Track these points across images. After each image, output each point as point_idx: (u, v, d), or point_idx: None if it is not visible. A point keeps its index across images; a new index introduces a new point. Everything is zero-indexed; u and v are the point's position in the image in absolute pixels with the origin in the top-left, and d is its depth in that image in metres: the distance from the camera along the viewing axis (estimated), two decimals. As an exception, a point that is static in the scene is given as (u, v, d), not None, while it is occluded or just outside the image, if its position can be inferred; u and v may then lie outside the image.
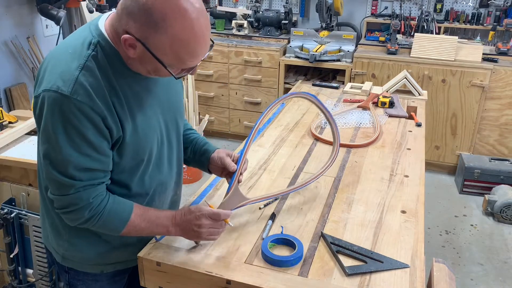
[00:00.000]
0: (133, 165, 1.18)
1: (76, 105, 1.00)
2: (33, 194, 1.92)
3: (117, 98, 1.07)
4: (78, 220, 1.11)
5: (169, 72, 1.04)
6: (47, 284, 1.97)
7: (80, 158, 1.04)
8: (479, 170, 3.42)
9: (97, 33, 1.06)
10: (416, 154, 1.87)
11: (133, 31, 0.98)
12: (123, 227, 1.14)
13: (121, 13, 1.00)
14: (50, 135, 1.03)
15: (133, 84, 1.11)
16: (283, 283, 1.13)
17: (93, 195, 1.08)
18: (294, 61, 3.84)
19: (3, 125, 2.16)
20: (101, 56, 1.05)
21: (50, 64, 1.07)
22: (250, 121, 4.16)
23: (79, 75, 1.01)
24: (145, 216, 1.16)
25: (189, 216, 1.17)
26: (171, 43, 0.98)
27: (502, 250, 2.90)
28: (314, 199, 1.51)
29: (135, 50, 1.01)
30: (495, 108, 3.54)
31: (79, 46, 1.05)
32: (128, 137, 1.11)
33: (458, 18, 3.90)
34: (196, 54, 1.02)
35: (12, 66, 3.12)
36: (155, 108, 1.18)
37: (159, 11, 0.95)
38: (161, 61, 1.01)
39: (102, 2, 3.03)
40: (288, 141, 1.95)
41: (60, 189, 1.07)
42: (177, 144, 1.32)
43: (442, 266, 1.35)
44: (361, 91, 2.61)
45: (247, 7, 4.34)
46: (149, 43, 0.98)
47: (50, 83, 1.02)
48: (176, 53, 1.00)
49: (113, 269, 1.32)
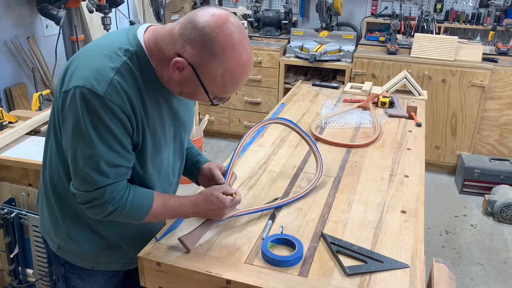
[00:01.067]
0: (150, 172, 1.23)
1: (108, 105, 1.04)
2: (33, 194, 1.92)
3: (143, 107, 1.11)
4: (102, 213, 1.14)
5: (209, 98, 1.12)
6: (47, 284, 1.97)
7: (110, 155, 1.08)
8: (479, 170, 3.42)
9: (136, 43, 1.10)
10: (416, 154, 1.87)
11: (187, 56, 1.05)
12: (145, 216, 1.19)
13: (178, 37, 1.06)
14: (83, 130, 1.05)
15: (159, 96, 1.16)
16: (283, 283, 1.13)
17: (116, 190, 1.12)
18: (294, 61, 3.84)
19: (3, 125, 2.16)
20: (136, 65, 1.09)
21: (82, 61, 1.10)
22: (250, 121, 4.16)
23: (114, 76, 1.05)
24: (167, 205, 1.22)
25: (210, 206, 1.25)
26: (223, 74, 1.06)
27: (502, 250, 2.90)
28: (314, 199, 1.51)
29: (181, 73, 1.07)
30: (495, 108, 3.54)
31: (115, 50, 1.09)
32: (147, 145, 1.16)
33: (458, 18, 3.90)
34: (237, 87, 1.13)
35: (12, 66, 3.12)
36: (169, 121, 1.23)
37: (221, 44, 1.03)
38: (205, 88, 1.09)
39: (102, 2, 3.02)
40: (288, 141, 1.95)
41: (86, 185, 1.10)
42: (179, 157, 1.36)
43: (442, 266, 1.35)
44: (361, 91, 2.61)
45: (247, 7, 4.34)
46: (201, 70, 1.06)
47: (84, 80, 1.04)
48: (224, 84, 1.09)
49: (104, 268, 1.33)
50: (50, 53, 3.29)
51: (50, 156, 1.22)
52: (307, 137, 1.64)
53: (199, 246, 1.25)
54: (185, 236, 1.23)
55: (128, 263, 1.35)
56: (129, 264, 1.35)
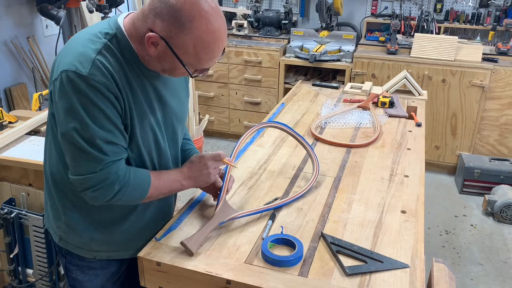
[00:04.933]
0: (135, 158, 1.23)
1: (94, 85, 1.06)
2: (33, 194, 1.92)
3: (129, 87, 1.13)
4: (108, 196, 1.15)
5: (187, 70, 1.11)
6: (47, 284, 1.97)
7: (104, 133, 1.10)
8: (479, 170, 3.42)
9: (115, 26, 1.13)
10: (416, 154, 1.87)
11: (158, 30, 1.05)
12: (147, 192, 1.21)
13: (148, 13, 1.07)
14: (76, 112, 1.07)
15: (143, 79, 1.17)
16: (283, 283, 1.13)
17: (119, 168, 1.15)
18: (294, 61, 3.84)
19: (3, 125, 2.16)
20: (116, 46, 1.11)
21: (66, 49, 1.13)
22: (250, 121, 4.16)
23: (95, 57, 1.07)
24: (161, 178, 1.25)
25: (195, 165, 1.30)
26: (194, 44, 1.06)
27: (502, 250, 2.90)
28: (314, 199, 1.51)
29: (156, 48, 1.08)
30: (495, 108, 3.54)
31: (96, 34, 1.12)
32: (135, 127, 1.16)
33: (458, 18, 3.90)
34: (213, 56, 1.11)
35: (12, 66, 3.12)
36: (157, 105, 1.23)
37: (187, 13, 1.03)
38: (181, 60, 1.08)
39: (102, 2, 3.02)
40: (288, 141, 1.95)
41: (90, 166, 1.11)
42: (173, 144, 1.35)
43: (442, 266, 1.35)
44: (361, 91, 2.61)
45: (247, 7, 4.35)
46: (173, 42, 1.06)
47: (68, 64, 1.07)
48: (197, 53, 1.08)
49: (106, 257, 1.34)
50: (50, 53, 3.30)
51: (50, 150, 1.24)
52: (302, 140, 1.67)
53: (200, 247, 1.25)
54: (187, 239, 1.23)
55: (128, 251, 1.35)
56: (129, 252, 1.35)
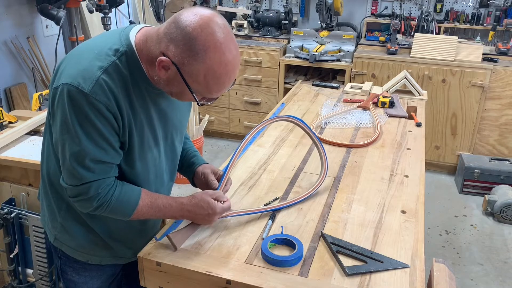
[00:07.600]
0: (135, 172, 1.23)
1: (94, 103, 1.06)
2: (33, 194, 1.92)
3: (130, 106, 1.13)
4: (89, 208, 1.17)
5: (194, 97, 1.11)
6: (47, 284, 1.97)
7: (96, 151, 1.10)
8: (479, 170, 3.42)
9: (127, 43, 1.12)
10: (416, 154, 1.87)
11: (171, 55, 1.05)
12: (132, 213, 1.20)
13: (163, 36, 1.06)
14: (70, 127, 1.08)
15: (147, 97, 1.17)
16: (283, 283, 1.13)
17: (101, 186, 1.14)
18: (294, 61, 3.84)
19: (3, 125, 2.16)
20: (125, 65, 1.11)
21: (73, 59, 1.13)
22: (250, 121, 4.16)
23: (100, 76, 1.07)
24: (153, 205, 1.22)
25: (200, 211, 1.24)
26: (205, 73, 1.06)
27: (502, 250, 2.90)
28: (314, 199, 1.51)
29: (167, 72, 1.08)
30: (495, 108, 3.54)
31: (105, 50, 1.11)
32: (134, 144, 1.17)
33: (458, 18, 3.89)
34: (223, 87, 1.11)
35: (12, 66, 3.12)
36: (158, 121, 1.23)
37: (202, 43, 1.02)
38: (190, 87, 1.08)
39: (102, 2, 3.02)
40: (288, 141, 1.95)
41: (72, 180, 1.13)
42: (171, 157, 1.36)
43: (442, 266, 1.35)
44: (361, 91, 2.61)
45: (247, 7, 4.34)
46: (184, 69, 1.06)
47: (71, 78, 1.07)
48: (207, 83, 1.08)
49: (98, 262, 1.34)
50: (50, 53, 3.29)
51: (48, 149, 1.25)
52: (314, 137, 1.59)
53: (199, 246, 1.25)
54: (173, 233, 1.23)
55: (121, 257, 1.36)
56: (122, 259, 1.36)
